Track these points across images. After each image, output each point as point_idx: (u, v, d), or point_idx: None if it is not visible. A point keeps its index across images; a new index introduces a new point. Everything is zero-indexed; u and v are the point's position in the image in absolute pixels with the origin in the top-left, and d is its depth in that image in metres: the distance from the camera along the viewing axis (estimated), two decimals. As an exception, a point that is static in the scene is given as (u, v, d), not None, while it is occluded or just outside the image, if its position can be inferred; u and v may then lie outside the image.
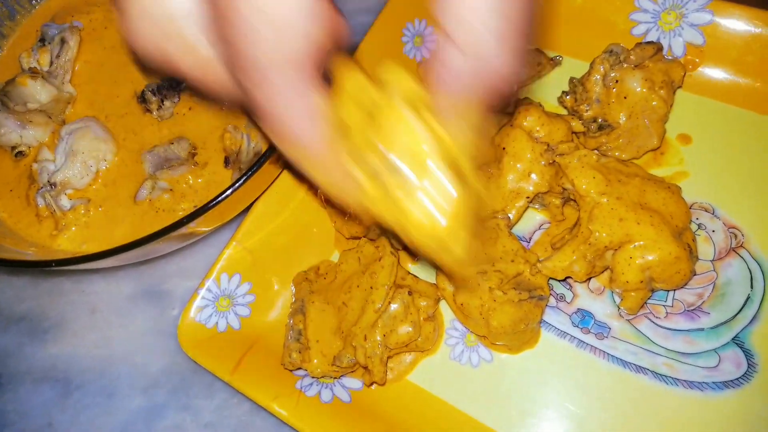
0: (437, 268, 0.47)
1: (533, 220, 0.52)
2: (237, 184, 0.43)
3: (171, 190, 0.54)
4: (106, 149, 0.55)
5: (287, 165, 0.49)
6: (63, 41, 0.59)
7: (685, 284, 0.45)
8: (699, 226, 0.49)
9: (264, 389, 0.48)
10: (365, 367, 0.46)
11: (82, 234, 0.54)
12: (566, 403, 0.46)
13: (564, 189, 0.48)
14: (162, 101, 0.56)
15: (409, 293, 0.47)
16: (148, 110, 0.57)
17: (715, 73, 0.53)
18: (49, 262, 0.44)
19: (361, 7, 0.66)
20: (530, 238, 0.52)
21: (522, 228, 0.52)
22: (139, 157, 0.56)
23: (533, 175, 0.48)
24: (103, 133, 0.55)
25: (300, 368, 0.49)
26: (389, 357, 0.47)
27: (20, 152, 0.57)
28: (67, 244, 0.53)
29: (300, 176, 0.46)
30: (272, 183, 0.54)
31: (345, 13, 0.68)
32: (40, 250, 0.51)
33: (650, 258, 0.43)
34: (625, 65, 0.49)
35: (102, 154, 0.55)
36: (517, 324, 0.45)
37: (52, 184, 0.53)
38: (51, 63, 0.60)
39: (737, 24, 0.51)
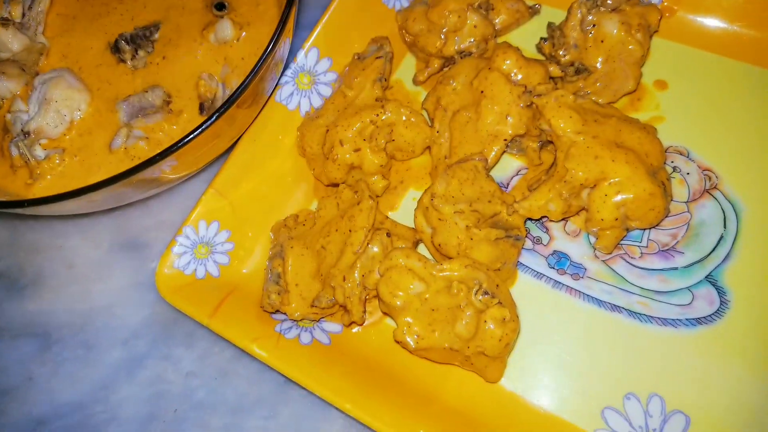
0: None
1: (511, 166, 0.52)
2: (205, 125, 0.43)
3: (146, 138, 0.53)
4: (80, 99, 0.54)
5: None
6: (34, -8, 0.58)
7: (660, 222, 0.45)
8: (674, 168, 0.49)
9: (243, 332, 0.48)
10: (344, 307, 0.46)
11: (58, 183, 0.53)
12: (543, 342, 0.47)
13: (541, 131, 0.48)
14: (136, 51, 0.56)
15: (388, 235, 0.47)
16: (122, 60, 0.56)
17: (692, 19, 0.53)
18: (22, 202, 0.43)
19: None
20: (508, 184, 0.52)
21: (500, 174, 0.52)
22: (113, 106, 0.55)
23: (510, 118, 0.48)
24: (76, 83, 0.54)
25: (279, 311, 0.49)
26: (368, 298, 0.47)
27: None
28: (42, 193, 0.52)
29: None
30: (247, 130, 0.53)
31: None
32: (13, 198, 0.50)
33: (625, 195, 0.44)
34: (602, 9, 0.50)
35: (76, 104, 0.54)
36: (494, 262, 0.45)
37: (26, 133, 0.53)
38: (23, 15, 0.58)
39: (714, -31, 0.51)
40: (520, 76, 0.49)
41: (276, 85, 0.55)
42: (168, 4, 0.58)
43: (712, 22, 0.52)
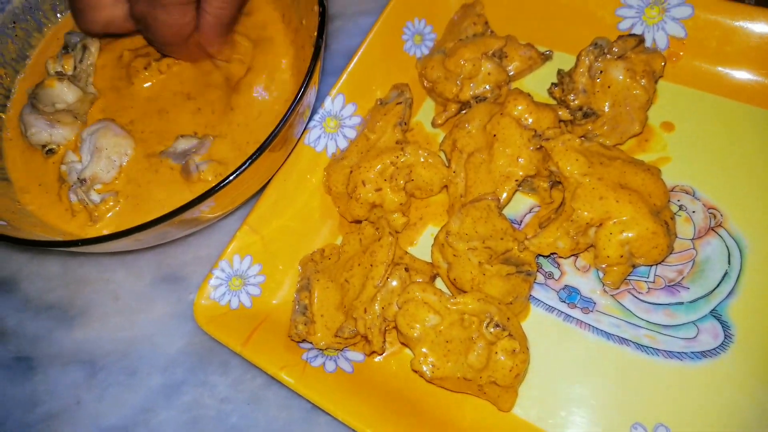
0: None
1: (524, 204, 0.55)
2: (240, 169, 0.47)
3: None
4: (126, 144, 0.60)
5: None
6: (84, 47, 0.64)
7: (663, 259, 0.48)
8: (680, 207, 0.52)
9: (272, 360, 0.52)
10: (365, 338, 0.50)
11: (114, 223, 0.58)
12: (555, 372, 0.49)
13: (551, 172, 0.51)
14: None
15: (406, 270, 0.51)
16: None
17: (697, 64, 0.55)
18: (75, 242, 0.48)
19: (358, 9, 0.70)
20: (521, 221, 0.55)
21: (514, 211, 0.55)
22: (155, 149, 0.60)
23: (521, 159, 0.52)
24: (120, 131, 0.60)
25: (305, 340, 0.53)
26: (387, 329, 0.50)
27: (50, 150, 0.61)
28: (99, 234, 0.57)
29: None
30: (278, 171, 0.58)
31: (345, 16, 0.73)
32: (68, 237, 0.55)
33: (629, 234, 0.46)
34: (609, 57, 0.53)
35: (123, 150, 0.60)
36: (506, 296, 0.48)
37: (82, 180, 0.58)
38: (75, 68, 0.64)
39: (716, 17, 0.54)
40: (531, 120, 0.52)
41: (305, 129, 0.59)
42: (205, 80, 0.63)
43: (717, 67, 0.55)
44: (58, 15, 0.69)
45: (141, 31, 0.57)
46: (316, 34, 0.52)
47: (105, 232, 0.57)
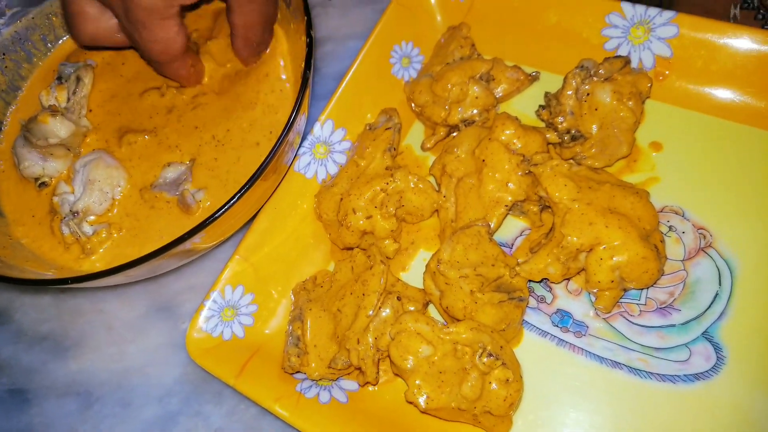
0: None
1: (515, 227, 0.56)
2: (231, 201, 0.47)
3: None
4: (118, 176, 0.60)
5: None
6: (78, 79, 0.63)
7: (654, 283, 0.48)
8: (670, 228, 0.52)
9: (266, 392, 0.52)
10: (359, 369, 0.50)
11: (108, 256, 0.58)
12: (549, 398, 0.49)
13: (540, 197, 0.51)
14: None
15: (398, 298, 0.51)
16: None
17: (683, 83, 0.56)
18: (65, 280, 0.48)
19: (348, 33, 0.70)
20: (512, 245, 0.55)
21: (505, 235, 0.55)
22: (147, 180, 0.60)
23: (510, 185, 0.52)
24: (113, 162, 0.60)
25: (299, 372, 0.52)
26: (380, 359, 0.50)
27: (43, 183, 0.61)
28: (94, 265, 0.57)
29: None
30: (268, 199, 0.58)
31: (335, 40, 0.73)
32: (60, 272, 0.55)
33: (619, 259, 0.46)
34: (596, 79, 0.53)
35: (116, 181, 0.59)
36: (499, 323, 0.48)
37: (75, 213, 0.58)
38: (68, 99, 0.64)
39: (702, 36, 0.54)
40: (519, 145, 0.52)
41: (294, 156, 0.59)
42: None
43: (703, 86, 0.55)
44: (49, 45, 0.69)
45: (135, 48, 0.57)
46: (303, 65, 0.52)
47: (98, 265, 0.57)
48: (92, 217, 0.58)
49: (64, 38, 0.69)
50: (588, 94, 0.53)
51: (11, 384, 0.61)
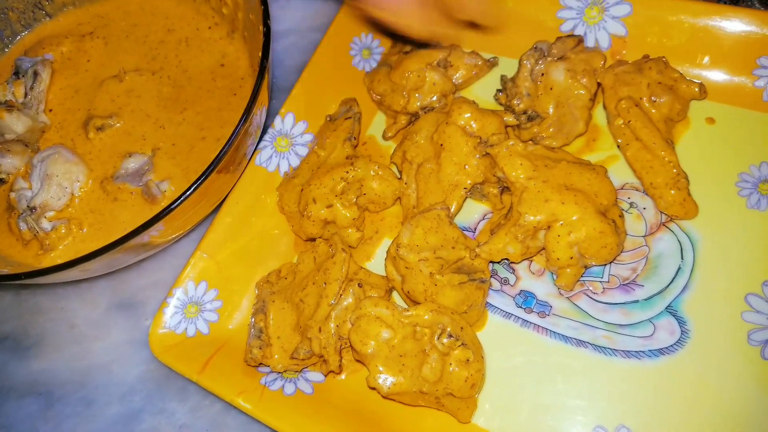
0: None
1: (477, 211, 0.55)
2: (188, 192, 0.47)
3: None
4: (77, 171, 0.59)
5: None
6: (36, 74, 0.63)
7: (614, 258, 0.47)
8: (631, 204, 0.52)
9: (229, 386, 0.51)
10: (321, 357, 0.49)
11: (70, 251, 0.57)
12: (515, 379, 0.48)
13: (498, 178, 0.51)
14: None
15: (360, 285, 0.50)
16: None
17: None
18: (19, 275, 0.47)
19: (312, 25, 0.70)
20: (475, 229, 0.55)
21: (467, 219, 0.55)
22: (108, 174, 0.59)
23: (468, 167, 0.51)
24: (72, 157, 0.59)
25: (262, 364, 0.52)
26: (343, 347, 0.49)
27: (1, 180, 0.61)
28: (53, 262, 0.56)
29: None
30: (230, 194, 0.57)
31: (298, 32, 0.73)
32: (16, 269, 0.54)
33: (576, 234, 0.46)
34: (549, 59, 0.53)
35: (74, 176, 0.59)
36: (460, 305, 0.47)
37: (32, 209, 0.57)
38: (25, 95, 0.64)
39: (654, 12, 0.54)
40: (476, 127, 0.52)
41: (255, 150, 0.59)
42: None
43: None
44: (6, 40, 0.69)
45: None
46: (260, 54, 0.52)
47: (59, 261, 0.56)
48: (51, 213, 0.58)
49: (22, 34, 0.69)
50: (543, 75, 0.53)
51: (-28, 385, 0.60)
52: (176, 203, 0.47)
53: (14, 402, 0.58)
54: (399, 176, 0.56)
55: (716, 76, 0.53)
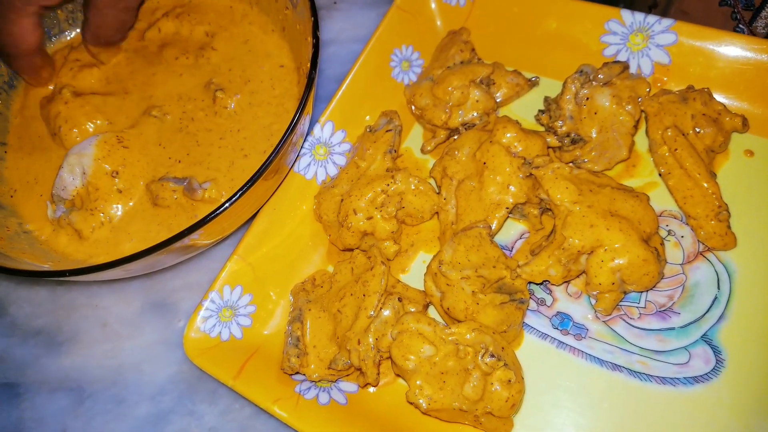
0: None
1: (515, 230, 0.56)
2: (233, 199, 0.47)
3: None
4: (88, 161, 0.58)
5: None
6: None
7: (654, 285, 0.48)
8: (669, 232, 0.52)
9: (265, 393, 0.51)
10: (359, 369, 0.49)
11: (104, 246, 0.57)
12: (550, 400, 0.49)
13: (541, 199, 0.51)
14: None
15: (399, 300, 0.51)
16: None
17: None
18: (63, 272, 0.47)
19: (352, 36, 0.71)
20: (512, 247, 0.55)
21: (505, 238, 0.56)
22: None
23: (512, 187, 0.52)
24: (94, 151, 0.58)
25: (298, 373, 0.52)
26: (381, 360, 0.50)
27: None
28: (91, 259, 0.56)
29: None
30: (269, 199, 0.57)
31: (338, 42, 0.73)
32: (56, 264, 0.55)
33: (620, 261, 0.47)
34: (595, 83, 0.53)
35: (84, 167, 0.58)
36: (500, 325, 0.48)
37: (66, 200, 0.57)
38: None
39: (700, 44, 0.55)
40: (520, 148, 0.53)
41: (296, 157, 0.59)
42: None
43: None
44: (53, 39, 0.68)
45: None
46: (309, 65, 0.52)
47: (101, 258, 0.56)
48: (82, 204, 0.57)
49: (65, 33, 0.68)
50: (587, 99, 0.54)
51: (3, 378, 0.60)
52: (222, 208, 0.48)
53: (45, 396, 0.58)
54: (437, 191, 0.56)
55: (756, 108, 0.54)
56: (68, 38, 0.69)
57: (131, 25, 0.64)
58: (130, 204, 0.58)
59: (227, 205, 0.48)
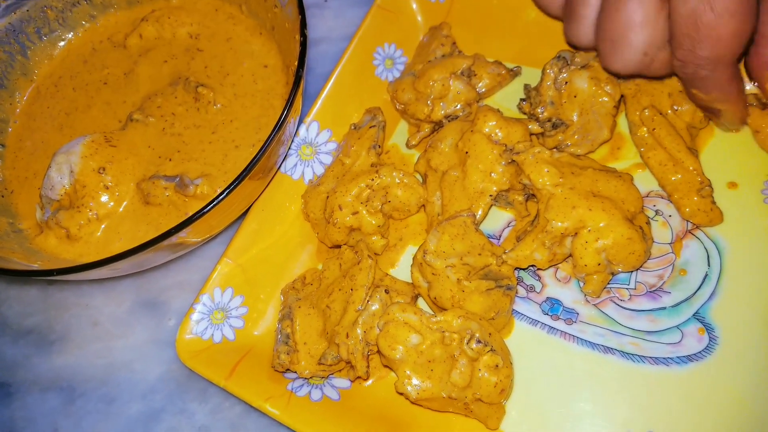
0: None
1: (502, 219, 0.55)
2: (220, 197, 0.47)
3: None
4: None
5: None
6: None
7: (642, 265, 0.48)
8: (656, 212, 0.52)
9: (257, 392, 0.51)
10: (349, 363, 0.49)
11: (95, 245, 0.58)
12: (541, 387, 0.48)
13: (524, 185, 0.51)
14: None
15: (387, 291, 0.50)
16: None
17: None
18: (51, 272, 0.48)
19: (343, 34, 0.71)
20: (500, 236, 0.55)
21: (492, 227, 0.55)
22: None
23: (494, 174, 0.52)
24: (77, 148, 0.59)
25: (289, 370, 0.52)
26: (371, 353, 0.50)
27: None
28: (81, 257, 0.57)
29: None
30: (256, 200, 0.58)
31: (329, 41, 0.74)
32: (46, 264, 0.55)
33: (604, 242, 0.46)
34: (573, 67, 0.53)
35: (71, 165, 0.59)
36: (487, 312, 0.48)
37: (53, 201, 0.58)
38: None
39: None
40: (501, 135, 0.53)
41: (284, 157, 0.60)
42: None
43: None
44: (43, 38, 0.69)
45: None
46: (297, 63, 0.52)
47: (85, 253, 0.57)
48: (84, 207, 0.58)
49: (56, 32, 0.69)
50: (566, 83, 0.54)
51: (-5, 377, 0.61)
52: (209, 207, 0.48)
53: (37, 395, 0.59)
54: (423, 184, 0.56)
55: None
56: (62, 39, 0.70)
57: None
58: (123, 204, 0.58)
59: (214, 203, 0.48)
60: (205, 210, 0.48)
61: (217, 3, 0.68)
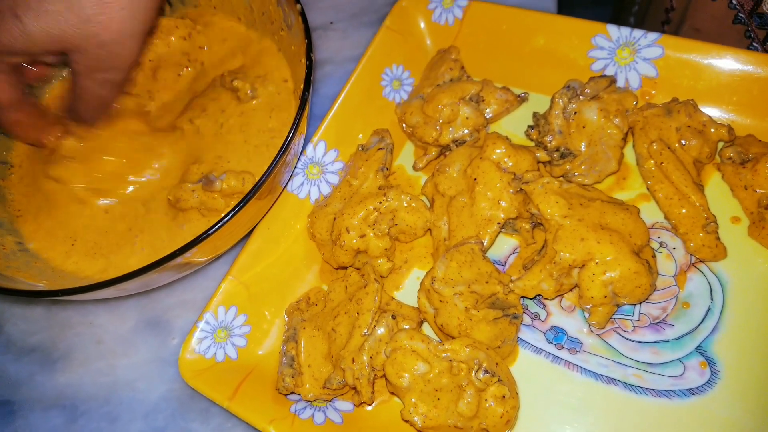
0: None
1: (507, 245, 0.56)
2: (226, 218, 0.47)
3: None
4: None
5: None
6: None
7: (647, 297, 0.48)
8: (660, 244, 0.52)
9: (260, 414, 0.51)
10: (354, 388, 0.49)
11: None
12: (545, 415, 0.49)
13: (532, 214, 0.52)
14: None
15: (393, 317, 0.51)
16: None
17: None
18: (56, 292, 0.47)
19: (348, 55, 0.72)
20: (506, 262, 0.55)
21: (498, 253, 0.56)
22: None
23: (503, 203, 0.52)
24: None
25: (294, 393, 0.52)
26: (376, 378, 0.50)
27: None
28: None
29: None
30: (262, 219, 0.58)
31: (334, 62, 0.74)
32: (51, 284, 0.55)
33: (611, 274, 0.47)
34: (582, 98, 0.54)
35: None
36: (494, 340, 0.48)
37: None
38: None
39: (686, 56, 0.55)
40: (510, 163, 0.53)
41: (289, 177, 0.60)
42: None
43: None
44: None
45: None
46: (302, 86, 0.52)
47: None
48: None
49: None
50: (575, 113, 0.54)
51: (-2, 394, 0.60)
52: (215, 228, 0.48)
53: (39, 413, 0.59)
54: (430, 208, 0.57)
55: (744, 120, 0.54)
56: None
57: (110, 104, 0.57)
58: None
59: (220, 224, 0.48)
60: (210, 231, 0.48)
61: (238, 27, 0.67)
